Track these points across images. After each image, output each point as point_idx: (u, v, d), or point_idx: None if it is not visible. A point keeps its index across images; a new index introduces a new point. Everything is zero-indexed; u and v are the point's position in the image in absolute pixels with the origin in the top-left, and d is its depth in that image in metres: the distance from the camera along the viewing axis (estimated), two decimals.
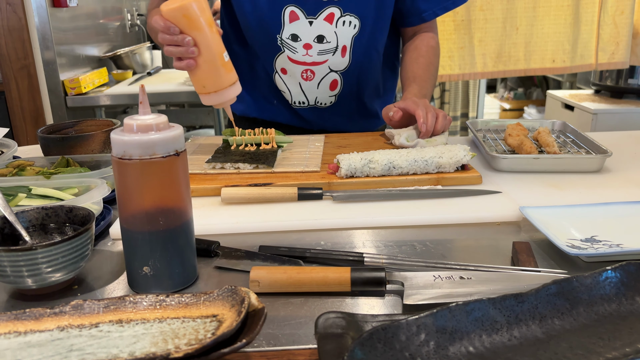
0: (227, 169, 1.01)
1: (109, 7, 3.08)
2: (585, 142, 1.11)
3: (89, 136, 1.10)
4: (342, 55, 1.22)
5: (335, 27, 1.19)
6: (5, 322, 0.54)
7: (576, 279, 0.55)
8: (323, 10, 1.18)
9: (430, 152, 0.97)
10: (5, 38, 2.42)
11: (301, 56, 1.21)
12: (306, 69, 1.23)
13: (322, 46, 1.20)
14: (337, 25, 1.19)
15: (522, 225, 0.82)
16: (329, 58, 1.22)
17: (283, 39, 1.21)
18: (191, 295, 0.57)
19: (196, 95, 1.01)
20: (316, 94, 1.27)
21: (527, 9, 2.25)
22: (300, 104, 1.30)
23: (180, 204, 0.63)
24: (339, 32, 1.20)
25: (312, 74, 1.23)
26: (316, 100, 1.29)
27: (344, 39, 1.21)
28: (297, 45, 1.20)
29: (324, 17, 1.19)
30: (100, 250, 0.78)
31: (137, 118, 0.61)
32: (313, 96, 1.28)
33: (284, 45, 1.21)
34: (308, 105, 1.30)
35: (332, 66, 1.23)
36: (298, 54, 1.21)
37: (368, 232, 0.81)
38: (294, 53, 1.21)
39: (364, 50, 1.24)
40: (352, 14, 1.19)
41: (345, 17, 1.19)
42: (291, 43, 1.20)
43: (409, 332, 0.49)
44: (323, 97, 1.28)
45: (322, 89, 1.26)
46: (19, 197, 0.84)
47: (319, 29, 1.19)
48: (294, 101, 1.29)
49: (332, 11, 1.18)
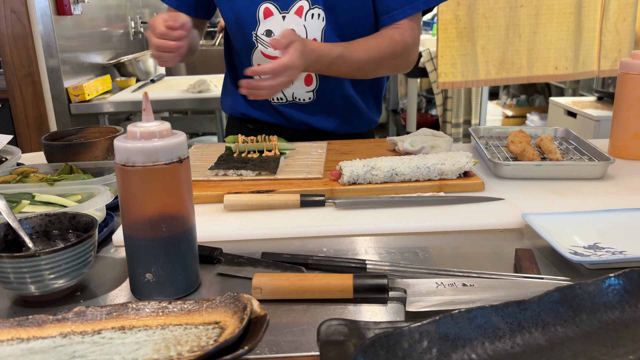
0: (230, 175, 1.01)
1: (113, 14, 3.10)
2: (588, 149, 1.11)
3: (92, 143, 1.10)
4: None
5: (304, 21, 1.20)
6: (8, 328, 0.54)
7: (579, 286, 0.55)
8: (294, 4, 1.19)
9: (432, 159, 0.97)
10: (10, 46, 2.43)
11: (273, 51, 1.19)
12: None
13: None
14: (306, 19, 1.20)
15: (525, 232, 0.82)
16: None
17: (258, 35, 1.22)
18: (193, 302, 0.57)
19: (199, 102, 1.01)
20: (292, 90, 1.27)
21: (530, 17, 2.26)
22: (279, 100, 1.30)
23: (183, 210, 0.64)
24: (308, 26, 1.20)
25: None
26: (294, 96, 1.28)
27: (313, 32, 1.21)
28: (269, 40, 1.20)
29: (295, 11, 1.19)
30: (103, 257, 0.78)
31: (141, 125, 0.61)
32: (289, 92, 1.28)
33: (258, 41, 1.22)
34: (287, 102, 1.30)
35: None
36: (270, 48, 1.19)
37: (370, 239, 0.81)
38: (267, 48, 1.22)
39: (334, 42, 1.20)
40: (319, 7, 1.19)
41: (313, 10, 1.19)
42: (265, 39, 1.21)
43: (412, 340, 0.49)
44: (300, 93, 1.28)
45: (297, 84, 1.26)
46: (22, 203, 0.85)
47: (290, 24, 1.20)
48: (272, 97, 1.29)
49: (301, 4, 1.19)
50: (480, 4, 2.22)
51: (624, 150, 1.15)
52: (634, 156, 1.14)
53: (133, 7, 3.40)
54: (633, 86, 1.11)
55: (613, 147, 1.17)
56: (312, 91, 1.28)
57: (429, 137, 1.12)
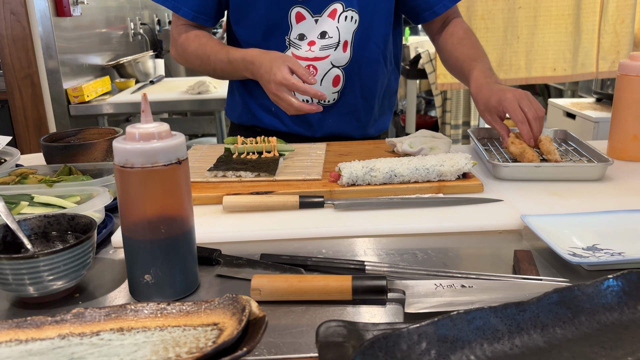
0: (229, 177, 1.01)
1: (113, 16, 3.10)
2: (587, 150, 1.11)
3: (91, 144, 1.10)
4: (344, 50, 1.23)
5: (337, 23, 1.21)
6: (7, 330, 0.54)
7: (578, 287, 0.55)
8: (327, 7, 1.20)
9: (431, 161, 0.97)
10: (9, 47, 2.43)
11: (304, 52, 1.22)
12: (309, 65, 1.23)
13: (325, 42, 1.22)
14: (339, 21, 1.21)
15: (524, 234, 0.82)
16: (330, 53, 1.23)
17: (291, 40, 1.23)
18: (192, 304, 0.57)
19: (198, 103, 1.02)
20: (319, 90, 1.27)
21: (528, 18, 2.27)
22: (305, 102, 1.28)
23: (182, 212, 0.64)
24: (341, 27, 1.22)
25: (314, 70, 1.24)
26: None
27: (345, 34, 1.22)
28: (302, 43, 1.22)
29: (328, 14, 1.20)
30: (102, 259, 0.78)
31: (140, 126, 0.61)
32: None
33: (291, 44, 1.23)
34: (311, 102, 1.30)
35: (334, 61, 1.24)
36: (302, 49, 1.22)
37: (369, 240, 0.81)
38: (298, 49, 1.23)
39: (364, 44, 1.25)
40: (353, 9, 1.21)
41: (347, 12, 1.21)
42: (298, 42, 1.22)
43: (410, 341, 0.49)
44: (326, 94, 1.28)
45: (325, 85, 1.26)
46: (21, 205, 0.85)
47: (323, 26, 1.21)
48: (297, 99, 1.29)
49: (335, 7, 1.20)
50: (478, 6, 2.22)
51: (622, 152, 1.15)
52: (633, 158, 1.14)
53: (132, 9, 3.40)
54: (632, 88, 1.12)
55: (612, 148, 1.17)
56: (337, 92, 1.28)
57: (428, 139, 1.12)
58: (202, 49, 1.25)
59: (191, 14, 1.26)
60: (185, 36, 1.27)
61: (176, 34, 1.30)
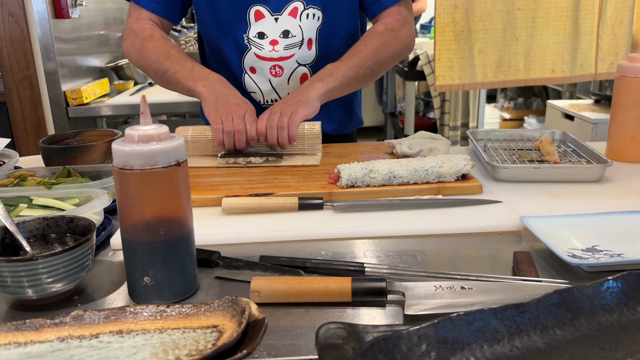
0: (240, 163, 1.09)
1: (111, 18, 3.10)
2: (586, 151, 1.11)
3: (90, 146, 1.10)
4: (309, 48, 1.23)
5: (299, 21, 1.20)
6: (6, 332, 0.53)
7: (577, 289, 0.55)
8: (287, 5, 1.19)
9: (430, 162, 0.97)
10: (8, 49, 2.43)
11: (268, 52, 1.21)
12: (274, 65, 1.23)
13: (288, 41, 1.21)
14: (301, 19, 1.20)
15: (523, 235, 0.82)
16: (295, 52, 1.22)
17: (250, 38, 1.22)
18: (192, 306, 0.57)
19: (197, 105, 1.03)
20: (287, 90, 1.27)
21: (527, 20, 2.27)
22: (272, 102, 1.28)
23: (181, 214, 0.63)
24: (304, 26, 1.21)
25: (280, 70, 1.23)
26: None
27: (309, 32, 1.22)
28: (263, 42, 1.21)
29: (289, 12, 1.20)
30: (101, 261, 0.78)
31: (138, 128, 0.61)
32: (285, 92, 1.28)
33: (251, 43, 1.22)
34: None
35: (299, 60, 1.24)
36: (264, 49, 1.21)
37: (369, 242, 0.81)
38: (261, 50, 1.22)
39: (329, 41, 1.24)
40: (314, 6, 1.20)
41: (308, 10, 1.20)
42: (258, 41, 1.21)
43: (410, 343, 0.49)
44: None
45: (293, 84, 1.26)
46: (20, 207, 0.84)
47: (284, 25, 1.20)
48: (266, 100, 1.29)
49: (295, 5, 1.19)
50: (477, 8, 2.23)
51: (621, 153, 1.15)
52: (632, 159, 1.14)
53: None
54: (630, 89, 1.12)
55: (611, 149, 1.17)
56: None
57: (427, 140, 1.12)
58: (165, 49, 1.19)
59: (152, 4, 1.22)
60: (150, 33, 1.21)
61: (137, 27, 1.23)
